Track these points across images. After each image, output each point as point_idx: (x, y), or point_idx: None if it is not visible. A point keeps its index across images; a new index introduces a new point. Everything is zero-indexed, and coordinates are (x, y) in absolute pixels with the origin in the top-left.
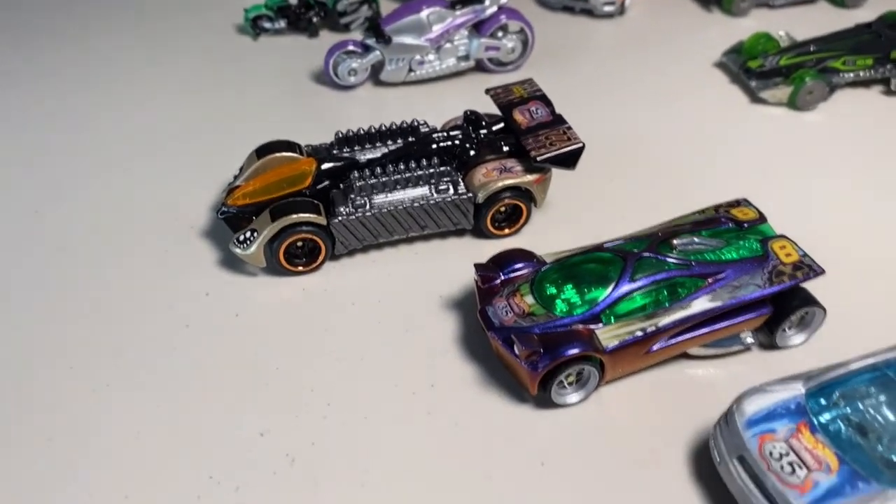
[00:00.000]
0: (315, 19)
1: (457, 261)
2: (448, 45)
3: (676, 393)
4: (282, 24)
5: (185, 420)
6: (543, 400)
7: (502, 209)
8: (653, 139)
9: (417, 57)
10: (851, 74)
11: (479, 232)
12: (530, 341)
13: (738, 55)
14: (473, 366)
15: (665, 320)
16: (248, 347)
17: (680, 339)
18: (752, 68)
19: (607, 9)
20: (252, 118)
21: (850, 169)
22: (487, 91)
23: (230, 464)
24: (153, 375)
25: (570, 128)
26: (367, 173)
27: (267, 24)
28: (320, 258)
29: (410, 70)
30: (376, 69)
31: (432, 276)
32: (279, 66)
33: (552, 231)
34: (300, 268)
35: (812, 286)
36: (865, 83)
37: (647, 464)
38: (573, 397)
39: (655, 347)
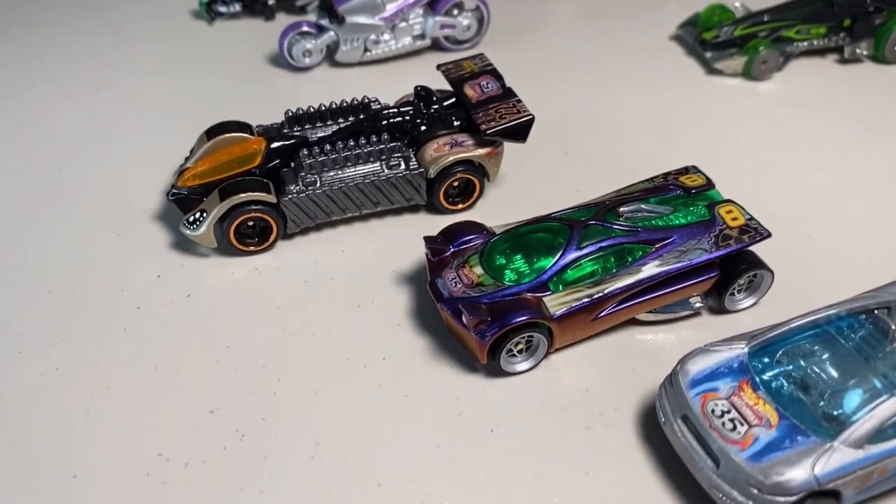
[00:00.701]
0: (270, 2)
1: (411, 237)
2: (403, 25)
3: (626, 358)
4: (237, 7)
5: (135, 399)
6: (494, 369)
7: (455, 184)
8: (608, 113)
9: (372, 36)
10: (805, 43)
11: (433, 207)
12: (478, 311)
13: (694, 27)
14: (425, 338)
15: (612, 286)
16: (199, 327)
17: (628, 304)
18: (707, 39)
19: None
20: (208, 102)
21: (802, 136)
22: (438, 67)
23: (179, 441)
24: (104, 356)
25: (519, 101)
26: (317, 151)
27: (222, 9)
28: (272, 237)
29: (366, 50)
30: (332, 50)
31: (386, 251)
32: (235, 50)
33: (506, 205)
34: (252, 247)
35: (761, 250)
36: (820, 52)
37: (596, 427)
38: (523, 365)
39: (604, 313)
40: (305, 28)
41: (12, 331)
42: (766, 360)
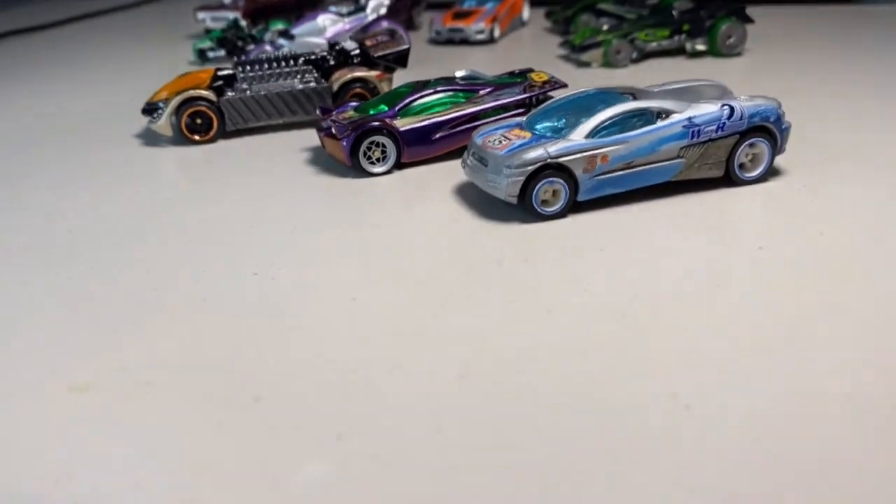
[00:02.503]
0: (248, 47)
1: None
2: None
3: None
4: (221, 52)
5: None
6: (358, 172)
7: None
8: None
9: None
10: (654, 44)
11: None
12: (344, 127)
13: (570, 44)
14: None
15: (442, 117)
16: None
17: (457, 131)
18: (577, 43)
19: (479, 36)
20: None
21: None
22: (351, 37)
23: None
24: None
25: (402, 37)
26: (250, 69)
27: (210, 54)
28: (213, 131)
29: None
30: None
31: (295, 147)
32: None
33: None
34: (198, 137)
35: None
36: (668, 53)
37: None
38: (379, 168)
39: (438, 135)
40: (267, 48)
41: None
42: (536, 119)
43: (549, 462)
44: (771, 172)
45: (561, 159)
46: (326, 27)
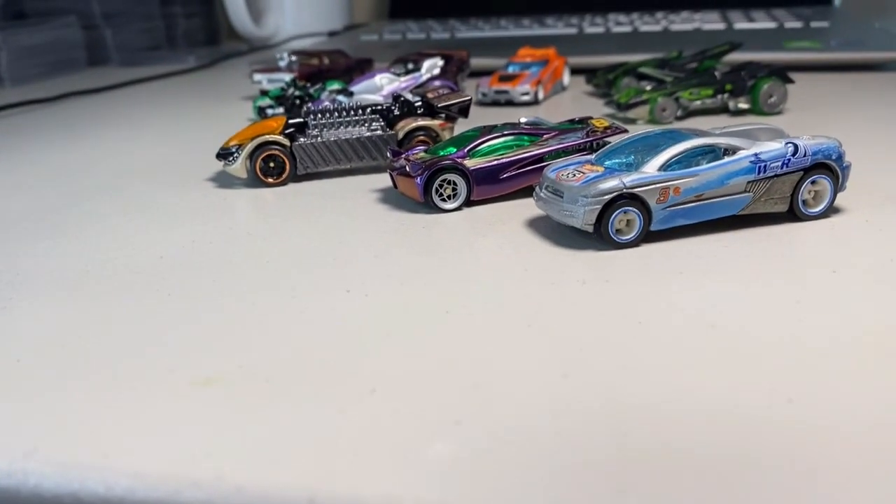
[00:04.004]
0: (306, 106)
1: (385, 180)
2: None
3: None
4: (280, 109)
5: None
6: (429, 209)
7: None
8: None
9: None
10: (698, 102)
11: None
12: (417, 166)
13: (616, 103)
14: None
15: (511, 158)
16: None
17: (524, 171)
18: (623, 102)
19: (524, 98)
20: None
21: None
22: (412, 91)
23: None
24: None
25: (462, 90)
26: (320, 117)
27: (269, 111)
28: (285, 174)
29: None
30: None
31: (364, 189)
32: None
33: None
34: (271, 180)
35: None
36: (714, 110)
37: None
38: (450, 205)
39: (505, 175)
40: (327, 103)
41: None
42: (605, 155)
43: (648, 440)
44: (832, 210)
45: (635, 189)
46: (383, 86)
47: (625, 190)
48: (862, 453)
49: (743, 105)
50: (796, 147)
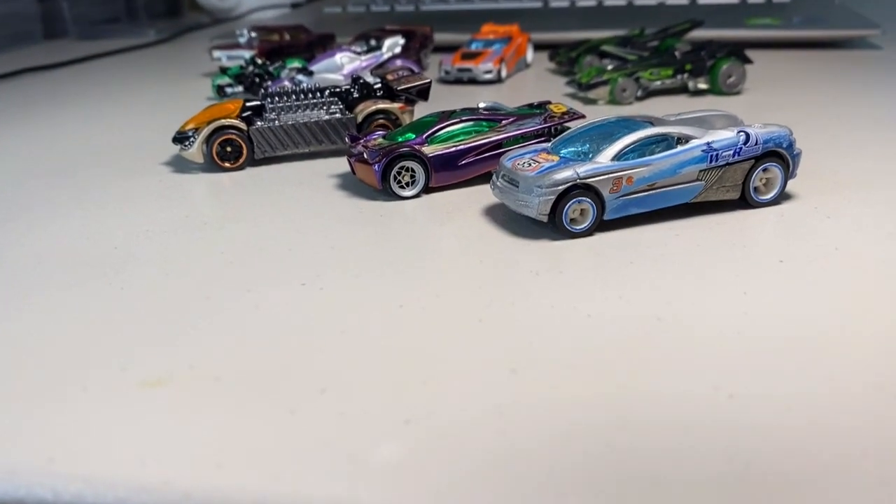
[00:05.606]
0: (265, 84)
1: (343, 165)
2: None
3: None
4: (239, 88)
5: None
6: (387, 196)
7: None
8: None
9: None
10: (658, 83)
11: None
12: (375, 152)
13: (577, 83)
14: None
15: (469, 144)
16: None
17: (482, 157)
18: (584, 82)
19: (487, 76)
20: None
21: None
22: (372, 72)
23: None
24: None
25: (422, 72)
26: (278, 100)
27: (228, 90)
28: (242, 159)
29: None
30: None
31: (322, 174)
32: None
33: None
34: (227, 164)
35: None
36: (675, 90)
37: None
38: (408, 192)
39: (464, 162)
40: (286, 83)
41: None
42: (561, 144)
43: (596, 434)
44: (783, 196)
45: (589, 180)
46: (344, 65)
47: (579, 180)
48: (800, 451)
49: (702, 85)
50: (748, 136)
